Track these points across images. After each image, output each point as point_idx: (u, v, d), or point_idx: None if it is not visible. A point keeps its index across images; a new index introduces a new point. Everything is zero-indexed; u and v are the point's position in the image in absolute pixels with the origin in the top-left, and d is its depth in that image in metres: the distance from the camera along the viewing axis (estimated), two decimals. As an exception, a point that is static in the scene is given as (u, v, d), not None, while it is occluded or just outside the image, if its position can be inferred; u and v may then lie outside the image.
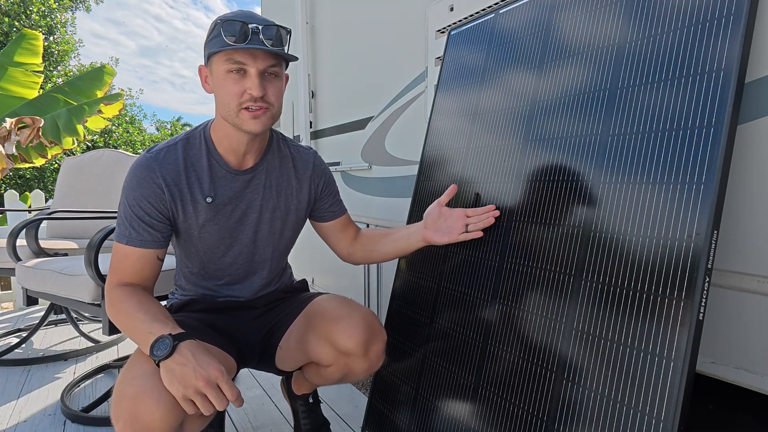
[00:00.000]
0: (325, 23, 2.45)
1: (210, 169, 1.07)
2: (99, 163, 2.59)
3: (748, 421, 0.87)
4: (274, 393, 1.71)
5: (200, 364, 0.81)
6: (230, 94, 0.97)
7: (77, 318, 2.53)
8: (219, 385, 0.81)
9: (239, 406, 0.84)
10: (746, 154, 0.78)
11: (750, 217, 0.79)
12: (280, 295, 1.25)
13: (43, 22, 11.39)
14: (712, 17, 0.77)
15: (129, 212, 1.02)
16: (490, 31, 1.27)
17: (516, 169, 1.07)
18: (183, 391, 0.80)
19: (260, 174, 1.12)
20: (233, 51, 0.94)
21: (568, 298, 0.87)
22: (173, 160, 1.04)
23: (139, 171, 1.02)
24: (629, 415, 0.73)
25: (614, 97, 0.89)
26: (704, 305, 0.69)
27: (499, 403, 0.96)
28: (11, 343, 2.20)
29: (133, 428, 0.82)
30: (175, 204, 1.04)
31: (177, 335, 0.86)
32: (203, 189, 1.06)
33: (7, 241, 1.94)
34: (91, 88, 4.13)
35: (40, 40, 4.04)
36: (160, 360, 0.83)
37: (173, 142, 1.08)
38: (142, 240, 1.02)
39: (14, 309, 3.15)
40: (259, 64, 0.96)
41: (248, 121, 0.98)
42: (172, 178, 1.03)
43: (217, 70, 0.98)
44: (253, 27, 0.94)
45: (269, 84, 0.98)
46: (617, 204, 0.83)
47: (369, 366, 1.08)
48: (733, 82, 0.72)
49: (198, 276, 1.17)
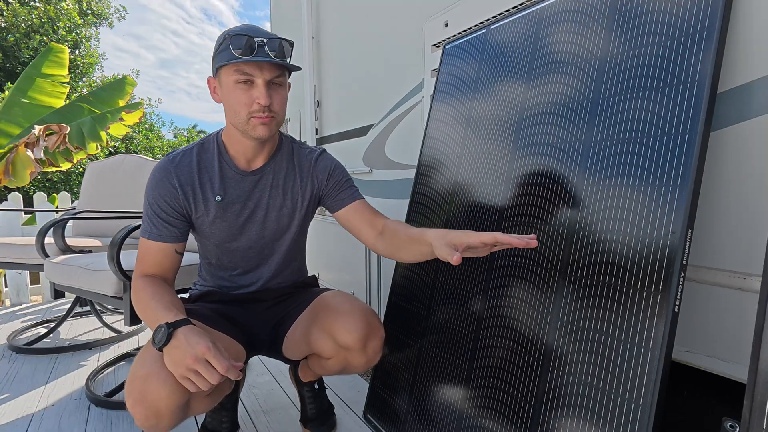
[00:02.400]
0: (329, 38, 2.44)
1: (221, 171, 1.09)
2: (121, 167, 2.59)
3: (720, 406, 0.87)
4: (282, 379, 1.71)
5: (189, 344, 0.82)
6: (240, 104, 0.98)
7: (101, 310, 2.53)
8: (207, 359, 0.81)
9: (235, 378, 0.83)
10: (718, 159, 0.78)
11: (722, 217, 0.79)
12: (289, 290, 1.25)
13: (69, 37, 11.40)
14: (687, 33, 0.77)
15: (149, 210, 1.05)
16: (482, 45, 1.27)
17: (506, 173, 1.07)
18: (178, 371, 0.81)
19: (268, 175, 1.13)
20: (241, 63, 0.95)
21: (553, 292, 0.87)
22: (188, 163, 1.07)
23: (158, 173, 1.06)
24: (611, 399, 0.73)
25: (597, 106, 0.89)
26: (680, 298, 0.69)
27: (491, 389, 0.96)
28: (40, 333, 2.20)
29: (142, 405, 0.83)
30: (188, 202, 1.07)
31: (173, 323, 0.86)
32: (214, 188, 1.08)
33: (36, 239, 1.95)
34: (114, 97, 4.13)
35: (66, 53, 4.03)
36: (160, 347, 0.85)
37: (189, 147, 1.10)
38: (161, 235, 1.05)
39: (43, 302, 3.15)
40: (266, 75, 0.97)
41: (257, 127, 0.99)
42: (185, 179, 1.06)
43: (226, 81, 0.98)
44: (258, 40, 0.94)
45: (275, 93, 0.99)
46: (599, 205, 0.83)
47: (367, 360, 1.08)
48: (706, 92, 0.72)
49: (215, 267, 1.19)
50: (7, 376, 1.78)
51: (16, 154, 3.11)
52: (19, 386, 1.69)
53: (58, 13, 11.14)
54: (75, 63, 11.42)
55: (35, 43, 10.69)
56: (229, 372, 0.81)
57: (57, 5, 11.30)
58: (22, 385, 1.70)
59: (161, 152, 14.14)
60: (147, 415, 0.84)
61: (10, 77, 10.75)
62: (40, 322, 2.45)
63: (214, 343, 0.84)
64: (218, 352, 0.82)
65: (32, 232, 3.09)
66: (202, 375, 0.81)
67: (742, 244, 0.76)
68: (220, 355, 0.82)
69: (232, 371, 0.82)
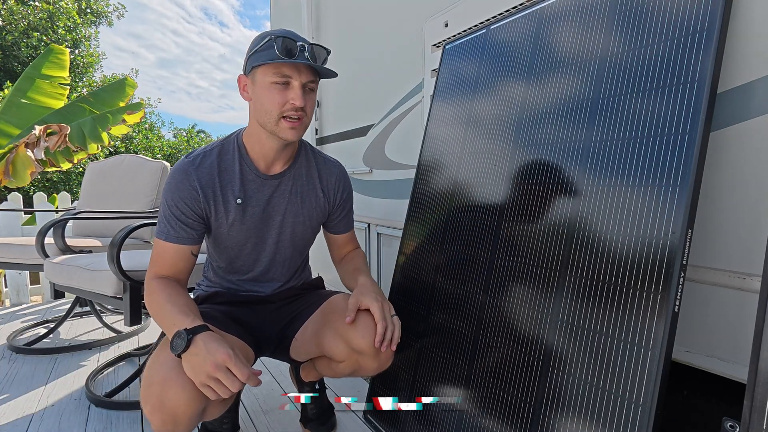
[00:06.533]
0: (329, 38, 2.44)
1: (241, 173, 1.08)
2: (121, 167, 2.59)
3: (719, 405, 0.87)
4: (282, 379, 1.72)
5: (209, 351, 0.81)
6: (273, 103, 0.98)
7: (101, 310, 2.53)
8: (228, 367, 0.80)
9: (255, 385, 0.83)
10: (718, 159, 0.78)
11: (722, 217, 0.79)
12: (297, 291, 1.25)
13: (68, 37, 11.39)
14: (687, 33, 0.77)
15: (168, 212, 1.04)
16: (482, 45, 1.27)
17: (506, 172, 1.07)
18: (198, 378, 0.80)
19: (287, 180, 1.13)
20: (281, 64, 0.96)
21: (553, 292, 0.87)
22: (208, 164, 1.06)
23: (178, 174, 1.04)
24: (610, 399, 0.73)
25: (596, 105, 0.89)
26: (679, 298, 0.69)
27: (491, 389, 0.96)
28: (40, 334, 2.20)
29: (161, 412, 0.83)
30: (209, 205, 1.06)
31: (192, 329, 0.85)
32: (234, 191, 1.07)
33: (36, 239, 1.95)
34: (114, 98, 4.12)
35: (66, 54, 4.03)
36: (178, 354, 0.83)
37: (210, 148, 1.09)
38: (179, 237, 1.04)
39: (43, 302, 3.15)
40: (303, 78, 0.98)
41: (286, 130, 1.00)
42: (206, 181, 1.05)
43: (261, 80, 0.99)
44: (300, 45, 0.96)
45: (307, 97, 1.01)
46: (599, 204, 0.83)
47: (379, 365, 1.06)
48: (706, 92, 0.72)
49: (225, 270, 1.19)
50: (7, 376, 1.78)
51: (16, 154, 3.11)
52: (19, 386, 1.69)
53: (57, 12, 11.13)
54: (75, 63, 11.42)
55: (34, 41, 10.69)
56: (249, 380, 0.81)
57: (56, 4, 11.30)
58: (22, 385, 1.70)
59: (161, 152, 14.14)
60: (165, 421, 0.83)
61: (10, 76, 10.75)
62: (40, 322, 2.45)
63: (234, 350, 0.83)
64: (239, 360, 0.82)
65: (32, 232, 3.09)
66: (222, 383, 0.80)
67: (742, 244, 0.76)
68: (241, 362, 0.82)
69: (253, 379, 0.82)
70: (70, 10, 11.55)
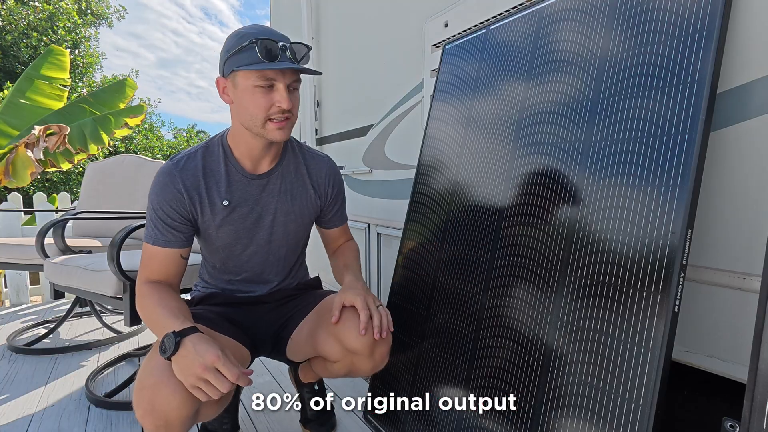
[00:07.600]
0: (329, 38, 2.45)
1: (227, 174, 1.07)
2: (121, 167, 2.59)
3: (719, 405, 0.87)
4: (282, 380, 1.71)
5: (198, 352, 0.81)
6: (258, 107, 0.96)
7: (100, 310, 2.53)
8: (217, 368, 0.80)
9: (245, 385, 0.82)
10: (718, 159, 0.78)
11: (722, 217, 0.79)
12: (293, 292, 1.25)
13: (68, 37, 11.40)
14: (687, 32, 0.77)
15: (154, 215, 1.03)
16: (482, 45, 1.27)
17: (506, 173, 1.07)
18: (188, 380, 0.80)
19: (275, 179, 1.12)
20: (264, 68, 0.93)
21: (553, 292, 0.87)
22: (193, 166, 1.04)
23: (162, 177, 1.03)
24: (611, 399, 0.73)
25: (596, 105, 0.89)
26: (679, 298, 0.70)
27: (491, 389, 0.96)
28: (40, 334, 2.20)
29: (152, 416, 0.82)
30: (195, 207, 1.04)
31: (181, 331, 0.85)
32: (220, 192, 1.06)
33: (36, 239, 1.95)
34: (114, 99, 4.12)
35: (66, 56, 4.03)
36: (168, 356, 0.83)
37: (194, 150, 1.07)
38: (167, 240, 1.03)
39: (42, 302, 3.15)
40: (287, 79, 0.96)
41: (274, 131, 0.98)
42: (191, 183, 1.03)
43: (243, 84, 0.96)
44: (281, 45, 0.93)
45: (292, 96, 0.99)
46: (599, 204, 0.83)
47: (373, 366, 1.06)
48: (706, 92, 0.72)
49: (219, 271, 1.18)
50: (7, 376, 1.78)
51: (16, 154, 3.11)
52: (19, 387, 1.69)
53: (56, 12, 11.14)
54: (74, 63, 11.42)
55: (34, 41, 10.69)
56: (239, 380, 0.81)
57: (56, 4, 11.31)
58: (21, 385, 1.70)
59: (161, 152, 14.14)
60: (157, 425, 0.83)
61: (10, 77, 10.75)
62: (40, 322, 2.45)
63: (224, 350, 0.83)
64: (228, 360, 0.81)
65: (32, 233, 3.09)
66: (212, 384, 0.80)
67: (742, 244, 0.76)
68: (230, 363, 0.81)
69: (243, 379, 0.81)
70: (70, 10, 11.56)
